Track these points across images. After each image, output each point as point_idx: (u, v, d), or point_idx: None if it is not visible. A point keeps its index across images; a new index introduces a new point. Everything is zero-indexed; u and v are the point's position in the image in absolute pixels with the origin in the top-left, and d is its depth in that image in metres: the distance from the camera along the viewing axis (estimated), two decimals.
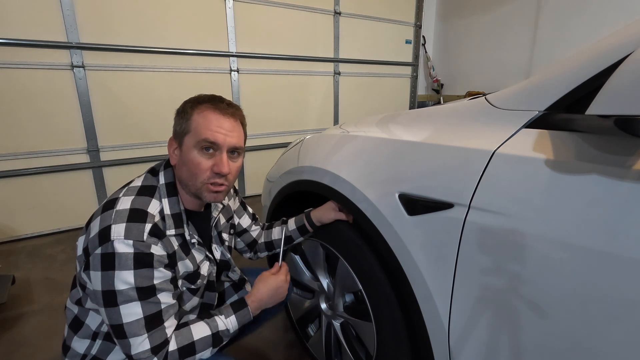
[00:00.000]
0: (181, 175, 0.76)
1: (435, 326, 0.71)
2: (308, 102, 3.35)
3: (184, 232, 0.77)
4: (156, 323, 0.68)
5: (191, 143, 0.73)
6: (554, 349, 0.53)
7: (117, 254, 0.65)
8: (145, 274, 0.67)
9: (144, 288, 0.67)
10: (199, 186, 0.75)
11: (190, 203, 0.80)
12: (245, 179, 3.15)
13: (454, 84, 4.23)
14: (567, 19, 3.05)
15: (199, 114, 0.74)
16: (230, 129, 0.75)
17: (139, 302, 0.66)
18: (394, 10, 3.71)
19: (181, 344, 0.71)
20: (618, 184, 0.47)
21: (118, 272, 0.65)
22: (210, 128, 0.73)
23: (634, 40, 0.49)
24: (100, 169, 2.47)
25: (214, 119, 0.74)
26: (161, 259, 0.70)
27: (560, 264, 0.51)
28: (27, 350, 1.33)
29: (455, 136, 0.71)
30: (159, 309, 0.69)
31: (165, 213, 0.74)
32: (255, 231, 1.08)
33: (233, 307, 0.80)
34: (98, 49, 2.31)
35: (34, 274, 1.88)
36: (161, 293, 0.69)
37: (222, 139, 0.74)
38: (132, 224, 0.67)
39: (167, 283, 0.71)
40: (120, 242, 0.65)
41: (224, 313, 0.79)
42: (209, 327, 0.75)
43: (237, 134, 0.77)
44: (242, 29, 2.82)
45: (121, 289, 0.65)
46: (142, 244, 0.67)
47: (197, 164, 0.73)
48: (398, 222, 0.74)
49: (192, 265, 0.78)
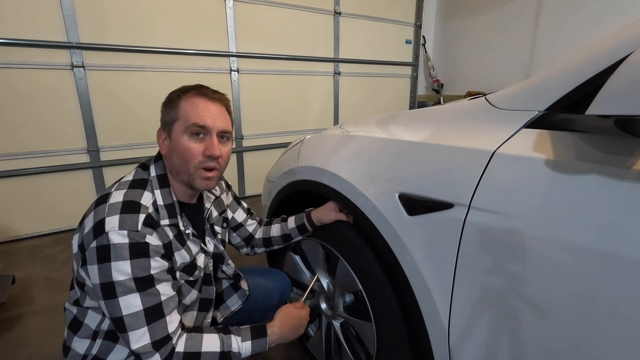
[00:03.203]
0: (172, 163, 0.77)
1: (435, 326, 0.71)
2: (308, 102, 3.35)
3: (178, 223, 0.77)
4: (156, 316, 0.68)
5: (180, 129, 0.75)
6: (554, 349, 0.54)
7: (113, 245, 0.65)
8: (142, 264, 0.67)
9: (142, 278, 0.67)
10: (192, 171, 0.75)
11: (182, 194, 0.80)
12: (245, 179, 3.15)
13: (454, 84, 4.23)
14: (567, 19, 3.04)
15: (186, 101, 0.76)
16: (218, 113, 0.77)
17: (138, 293, 0.66)
18: (394, 10, 3.71)
19: (189, 349, 0.70)
20: (618, 184, 0.47)
21: (115, 263, 0.65)
22: (198, 113, 0.75)
23: (634, 40, 0.49)
24: (100, 169, 2.47)
25: (201, 104, 0.76)
26: (157, 248, 0.70)
27: (560, 264, 0.51)
28: (27, 350, 1.33)
29: (455, 136, 0.71)
30: (159, 300, 0.69)
31: (159, 204, 0.74)
32: (251, 226, 1.08)
33: (252, 333, 0.79)
34: (98, 49, 2.31)
35: (34, 274, 1.88)
36: (160, 284, 0.69)
37: (211, 122, 0.75)
38: (126, 215, 0.67)
39: (164, 273, 0.71)
40: (115, 233, 0.65)
41: (241, 335, 0.77)
42: (221, 344, 0.74)
43: (225, 118, 0.79)
44: (242, 29, 2.82)
45: (119, 280, 0.65)
46: (137, 234, 0.67)
47: (187, 149, 0.74)
48: (398, 222, 0.74)
49: (188, 256, 0.78)
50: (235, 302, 1.01)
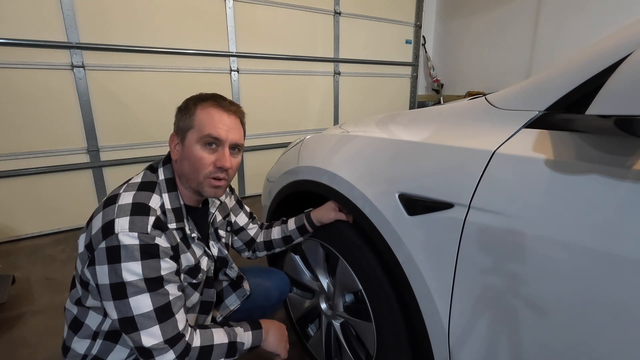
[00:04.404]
0: (183, 170, 0.78)
1: (435, 326, 0.71)
2: (308, 102, 3.35)
3: (184, 226, 0.78)
4: (167, 315, 0.69)
5: (194, 138, 0.76)
6: (554, 349, 0.53)
7: (123, 246, 0.65)
8: (152, 265, 0.68)
9: (152, 279, 0.68)
10: (201, 180, 0.77)
11: (188, 199, 0.82)
12: (245, 179, 3.15)
13: (454, 84, 4.23)
14: (567, 19, 3.04)
15: (202, 110, 0.77)
16: (232, 126, 0.78)
17: (148, 293, 0.67)
18: (394, 10, 3.71)
19: (203, 343, 0.73)
20: (618, 184, 0.47)
21: (125, 264, 0.65)
22: (214, 124, 0.76)
23: (634, 40, 0.49)
24: (100, 168, 2.47)
25: (217, 116, 0.77)
26: (166, 250, 0.71)
27: (560, 264, 0.51)
28: (27, 350, 1.33)
29: (455, 136, 0.71)
30: (168, 300, 0.70)
31: (166, 207, 0.75)
32: (253, 229, 1.08)
33: (250, 325, 0.84)
34: (98, 49, 2.31)
35: (34, 274, 1.88)
36: (168, 284, 0.71)
37: (225, 134, 0.76)
38: (136, 217, 0.68)
39: (173, 275, 0.72)
40: (125, 235, 0.66)
41: (242, 327, 0.82)
42: (228, 336, 0.78)
43: (238, 131, 0.81)
44: (242, 29, 2.82)
45: (130, 280, 0.66)
46: (147, 236, 0.68)
47: (199, 159, 0.76)
48: (398, 222, 0.74)
49: (193, 259, 0.80)
50: (234, 301, 1.01)
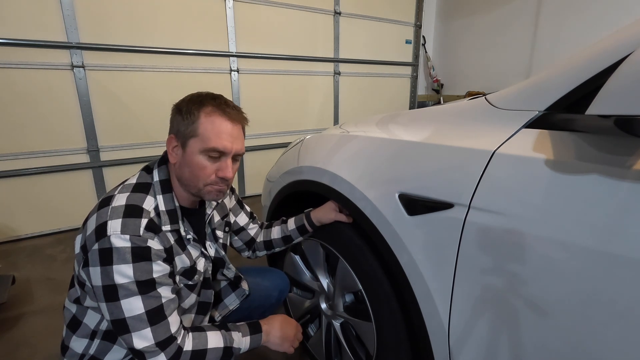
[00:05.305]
0: (182, 175, 0.77)
1: (435, 326, 0.71)
2: (308, 102, 3.35)
3: (179, 228, 0.78)
4: (159, 317, 0.69)
5: (197, 148, 0.73)
6: (554, 349, 0.53)
7: (115, 249, 0.65)
8: (144, 268, 0.67)
9: (144, 282, 0.67)
10: (201, 187, 0.76)
11: (185, 200, 0.81)
12: (245, 179, 3.15)
13: (454, 84, 4.23)
14: (567, 19, 3.04)
15: (206, 117, 0.73)
16: (237, 136, 0.77)
17: (140, 296, 0.67)
18: (394, 10, 3.71)
19: (196, 347, 0.72)
20: (618, 184, 0.47)
21: (117, 267, 0.65)
22: (219, 136, 0.73)
23: (634, 40, 0.49)
24: (100, 169, 2.47)
25: (222, 126, 0.74)
26: (159, 252, 0.70)
27: (560, 264, 0.51)
28: (27, 350, 1.33)
29: (455, 136, 0.71)
30: (160, 303, 0.69)
31: (160, 209, 0.75)
32: (253, 229, 1.08)
33: (249, 329, 0.82)
34: (98, 49, 2.31)
35: (34, 274, 1.88)
36: (161, 287, 0.70)
37: (230, 147, 0.75)
38: (128, 219, 0.68)
39: (166, 277, 0.72)
40: (116, 237, 0.66)
41: (241, 331, 0.80)
42: (224, 340, 0.76)
43: (241, 140, 0.79)
44: (242, 29, 2.82)
45: (121, 283, 0.66)
46: (139, 239, 0.67)
47: (202, 168, 0.74)
48: (398, 222, 0.74)
49: (188, 260, 0.79)
50: (233, 301, 1.01)
